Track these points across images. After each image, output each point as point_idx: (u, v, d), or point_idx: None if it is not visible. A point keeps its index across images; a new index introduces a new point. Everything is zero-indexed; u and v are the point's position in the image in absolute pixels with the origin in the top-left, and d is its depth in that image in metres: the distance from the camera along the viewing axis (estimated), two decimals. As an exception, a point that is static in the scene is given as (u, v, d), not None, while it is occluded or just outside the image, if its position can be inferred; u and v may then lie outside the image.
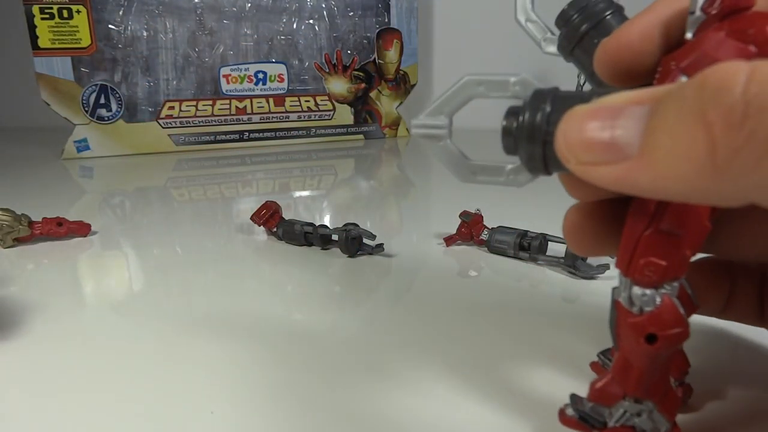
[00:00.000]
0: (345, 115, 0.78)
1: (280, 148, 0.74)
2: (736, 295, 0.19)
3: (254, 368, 0.22)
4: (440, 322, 0.26)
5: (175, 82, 0.70)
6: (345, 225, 0.35)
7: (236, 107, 0.73)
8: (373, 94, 0.79)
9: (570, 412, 0.17)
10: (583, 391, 0.17)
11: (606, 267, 0.31)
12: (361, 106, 0.79)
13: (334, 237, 0.36)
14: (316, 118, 0.77)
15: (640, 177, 0.12)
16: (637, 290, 0.15)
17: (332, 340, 0.25)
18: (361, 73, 0.78)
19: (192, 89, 0.71)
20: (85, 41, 0.65)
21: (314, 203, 0.48)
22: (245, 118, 0.74)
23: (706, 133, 0.11)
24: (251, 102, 0.73)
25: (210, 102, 0.72)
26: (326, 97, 0.77)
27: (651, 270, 0.14)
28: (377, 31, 0.77)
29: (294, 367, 0.23)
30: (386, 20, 0.77)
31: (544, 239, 0.33)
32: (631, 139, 0.12)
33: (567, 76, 0.72)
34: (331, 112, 0.77)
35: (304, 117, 0.76)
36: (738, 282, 0.20)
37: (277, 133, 0.76)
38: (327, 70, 0.76)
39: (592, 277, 0.31)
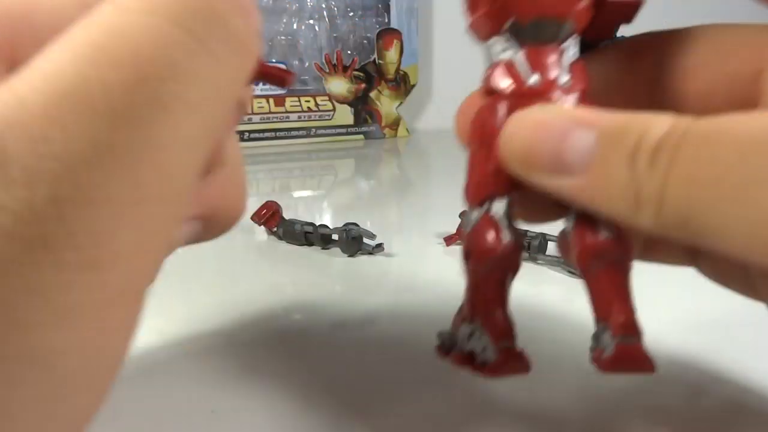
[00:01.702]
0: (345, 115, 0.78)
1: (280, 148, 0.74)
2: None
3: (253, 368, 0.22)
4: (440, 322, 0.26)
5: (175, 82, 0.70)
6: (345, 225, 0.35)
7: (236, 107, 0.73)
8: (373, 94, 0.79)
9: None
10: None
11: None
12: (361, 106, 0.79)
13: (335, 237, 0.36)
14: (316, 118, 0.77)
15: (578, 195, 0.13)
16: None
17: (332, 340, 0.25)
18: (361, 74, 0.78)
19: (192, 89, 0.71)
20: (86, 41, 0.65)
21: (314, 203, 0.48)
22: (245, 118, 0.74)
23: (635, 181, 0.12)
24: (251, 102, 0.73)
25: (210, 102, 0.72)
26: (326, 98, 0.77)
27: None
28: (377, 31, 0.77)
29: (294, 367, 0.23)
30: (386, 20, 0.77)
31: (543, 239, 0.33)
32: (576, 160, 0.13)
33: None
34: (331, 113, 0.77)
35: (304, 117, 0.76)
36: None
37: (277, 133, 0.76)
38: (327, 71, 0.76)
39: (591, 277, 0.31)
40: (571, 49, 0.15)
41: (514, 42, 0.15)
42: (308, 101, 0.76)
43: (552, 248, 0.33)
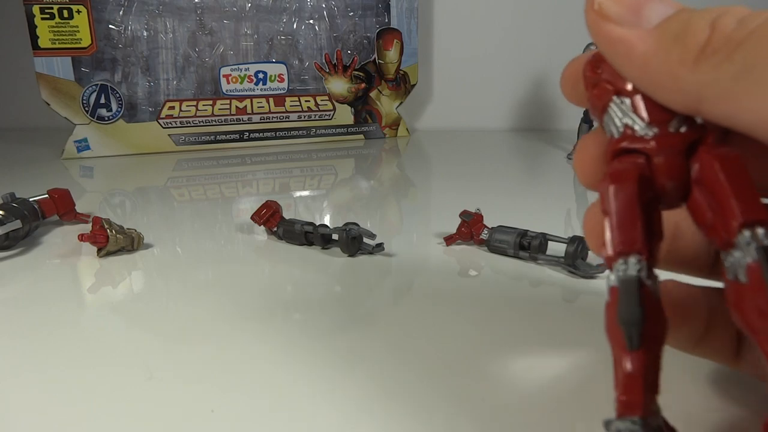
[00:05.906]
0: (345, 115, 0.78)
1: (280, 148, 0.74)
2: (713, 329, 0.18)
3: (254, 367, 0.23)
4: (440, 322, 0.26)
5: (175, 82, 0.70)
6: (345, 224, 0.35)
7: (236, 107, 0.73)
8: (373, 94, 0.79)
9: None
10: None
11: (605, 266, 0.31)
12: (361, 106, 0.79)
13: (335, 236, 0.36)
14: (316, 118, 0.77)
15: (638, 44, 0.14)
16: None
17: (332, 340, 0.25)
18: (361, 73, 0.78)
19: (192, 89, 0.71)
20: (86, 41, 0.65)
21: (314, 203, 0.48)
22: (245, 118, 0.74)
23: (711, 31, 0.13)
24: (251, 102, 0.73)
25: (210, 102, 0.72)
26: (326, 97, 0.77)
27: None
28: (377, 31, 0.77)
29: (294, 366, 0.23)
30: (386, 20, 0.77)
31: (544, 239, 0.33)
32: (652, 17, 0.14)
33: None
34: (331, 112, 0.77)
35: (305, 117, 0.76)
36: (716, 314, 0.18)
37: (277, 133, 0.76)
38: (327, 70, 0.76)
39: (592, 277, 0.31)
40: None
41: None
42: (308, 101, 0.76)
43: (552, 248, 0.33)
